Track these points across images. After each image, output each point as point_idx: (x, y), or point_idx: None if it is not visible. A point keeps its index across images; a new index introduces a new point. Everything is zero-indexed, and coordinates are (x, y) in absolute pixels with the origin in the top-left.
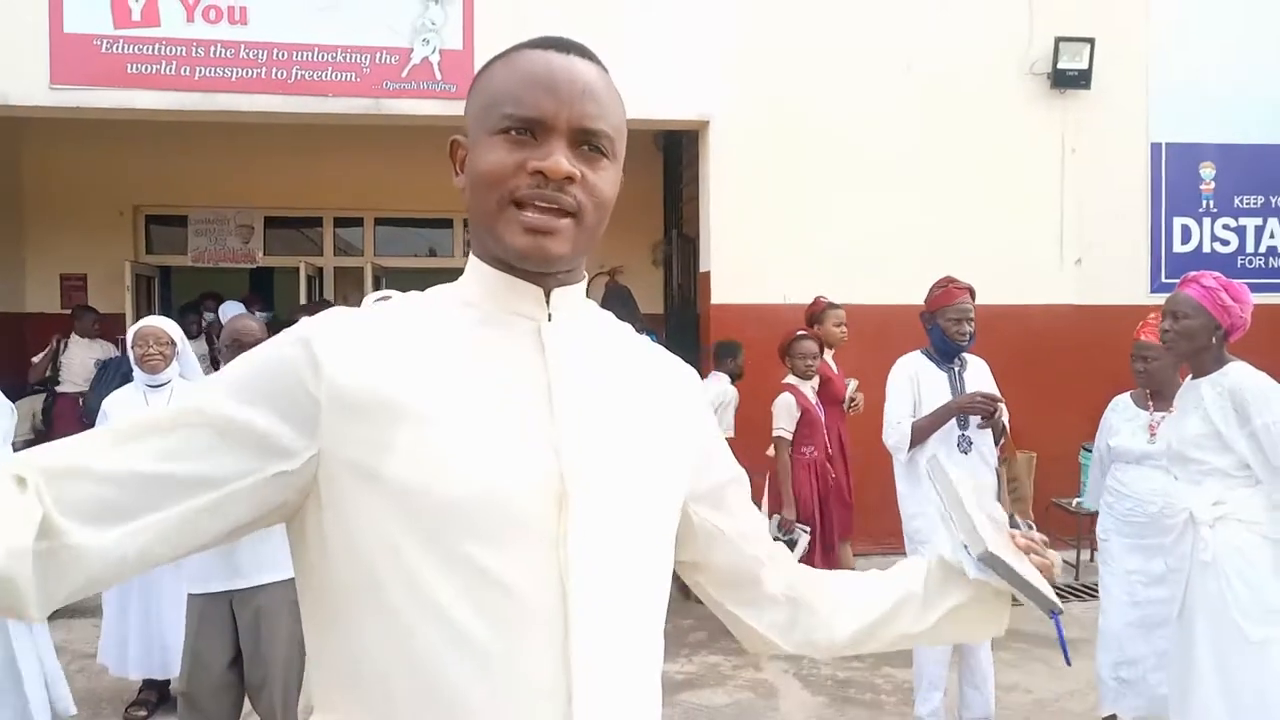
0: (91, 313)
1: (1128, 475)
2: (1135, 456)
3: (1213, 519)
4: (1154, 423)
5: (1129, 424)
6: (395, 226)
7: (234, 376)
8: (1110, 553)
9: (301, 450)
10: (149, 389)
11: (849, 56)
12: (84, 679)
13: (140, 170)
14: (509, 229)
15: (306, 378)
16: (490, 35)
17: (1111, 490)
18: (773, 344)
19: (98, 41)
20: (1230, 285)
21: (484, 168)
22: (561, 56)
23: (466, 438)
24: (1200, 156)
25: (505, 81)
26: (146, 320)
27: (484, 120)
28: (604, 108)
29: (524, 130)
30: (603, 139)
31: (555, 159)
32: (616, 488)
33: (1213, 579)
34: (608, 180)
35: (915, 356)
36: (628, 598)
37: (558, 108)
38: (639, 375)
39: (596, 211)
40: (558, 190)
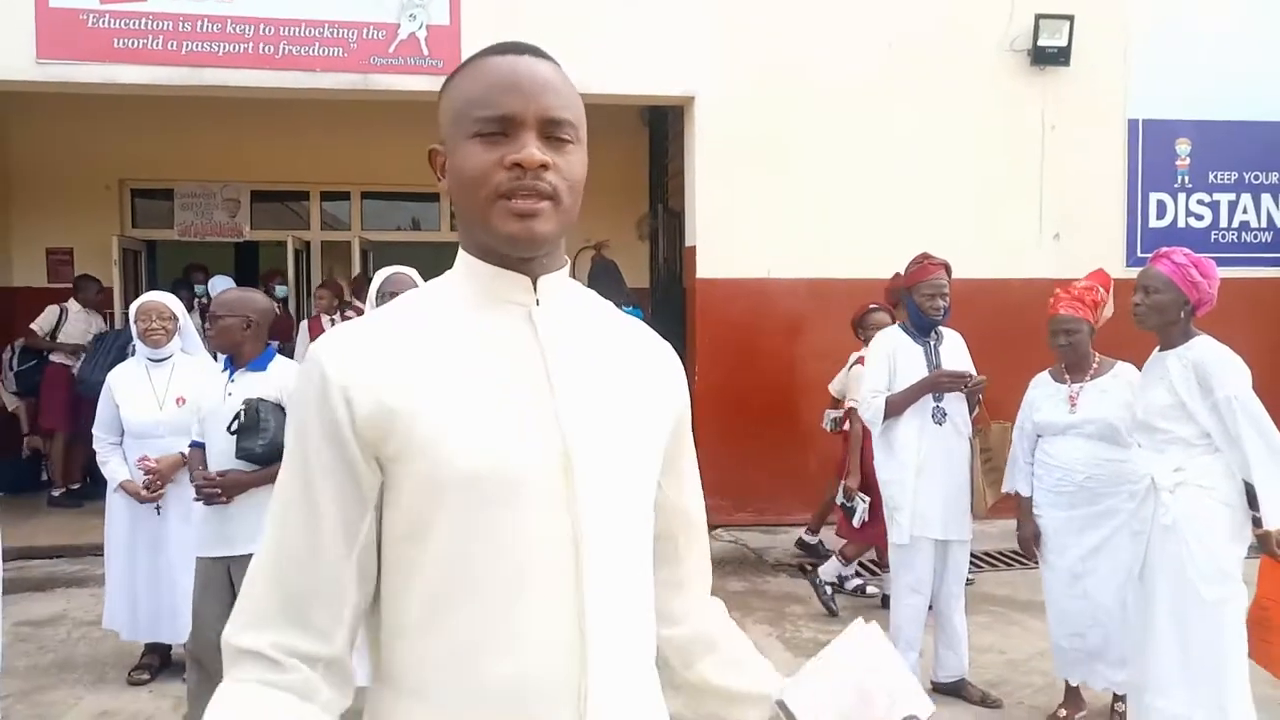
0: (95, 283)
1: (1053, 447)
2: (1059, 428)
3: (1173, 485)
4: (1073, 394)
5: (1050, 399)
6: (382, 200)
7: (314, 454)
8: (1046, 529)
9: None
10: (151, 363)
11: (832, 33)
12: (86, 646)
13: (127, 144)
14: (500, 219)
15: (344, 425)
16: (477, 11)
17: (1040, 463)
18: (757, 317)
19: (84, 16)
20: (1200, 262)
21: (467, 170)
22: (518, 58)
23: (478, 421)
24: (1176, 133)
25: (472, 89)
26: (149, 295)
27: (459, 127)
28: (564, 98)
29: (496, 129)
30: (567, 127)
31: (529, 150)
32: (612, 451)
33: (1172, 542)
34: (576, 163)
35: (894, 331)
36: (628, 549)
37: (524, 103)
38: (623, 350)
39: (570, 193)
40: (535, 179)
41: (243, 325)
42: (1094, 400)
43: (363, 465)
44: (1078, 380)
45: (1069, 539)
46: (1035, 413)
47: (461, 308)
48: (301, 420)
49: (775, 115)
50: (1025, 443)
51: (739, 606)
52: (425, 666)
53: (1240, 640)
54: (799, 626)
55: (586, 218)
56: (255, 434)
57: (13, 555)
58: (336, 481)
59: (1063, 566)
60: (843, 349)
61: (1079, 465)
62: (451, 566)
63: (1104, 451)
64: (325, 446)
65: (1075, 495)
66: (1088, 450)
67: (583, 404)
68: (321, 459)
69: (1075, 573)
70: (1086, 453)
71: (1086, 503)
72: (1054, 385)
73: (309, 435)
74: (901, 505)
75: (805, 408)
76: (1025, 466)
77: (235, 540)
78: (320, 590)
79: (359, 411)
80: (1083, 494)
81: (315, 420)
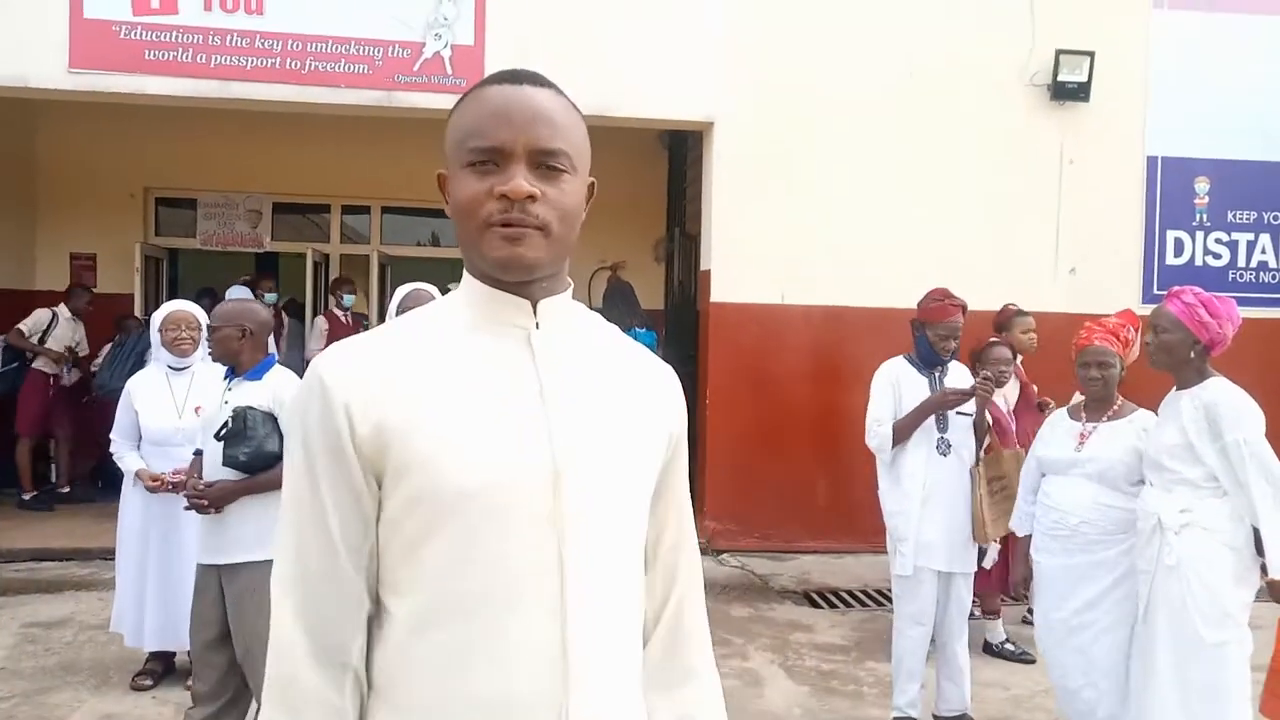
0: (88, 292)
1: (1054, 486)
2: (1062, 466)
3: (1179, 525)
4: (1084, 432)
5: (1059, 434)
6: (401, 215)
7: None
8: (1041, 576)
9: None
10: (171, 371)
11: (851, 62)
12: (92, 649)
13: (153, 154)
14: (489, 244)
15: (346, 440)
16: (501, 32)
17: (1039, 503)
18: (770, 342)
19: (116, 27)
20: (1210, 301)
21: (461, 199)
22: (515, 88)
23: (472, 439)
24: (1195, 171)
25: (468, 119)
26: (176, 305)
27: (456, 156)
28: (557, 128)
29: (487, 159)
30: (560, 157)
31: (515, 182)
32: (603, 471)
33: (1175, 582)
34: (569, 193)
35: (898, 361)
36: (614, 568)
37: (514, 135)
38: (622, 373)
39: (562, 223)
40: (522, 210)
41: (239, 335)
42: (1102, 441)
43: (363, 482)
44: (1093, 420)
45: (1065, 588)
46: (1041, 448)
47: (462, 329)
48: (305, 436)
49: (793, 142)
50: (1029, 479)
51: (742, 633)
52: (411, 679)
53: (1242, 685)
54: (802, 655)
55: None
56: (241, 441)
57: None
58: (341, 497)
59: (1057, 619)
60: (855, 376)
61: (1075, 507)
62: (441, 581)
63: (1104, 496)
64: (330, 462)
65: (1070, 540)
66: (1087, 492)
67: (575, 425)
68: (328, 474)
69: (1070, 626)
70: (1085, 495)
71: (1083, 551)
72: (1067, 421)
73: (313, 450)
74: (906, 536)
75: (816, 434)
76: (1025, 505)
77: (225, 548)
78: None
79: (359, 428)
80: (1078, 540)
81: (319, 435)
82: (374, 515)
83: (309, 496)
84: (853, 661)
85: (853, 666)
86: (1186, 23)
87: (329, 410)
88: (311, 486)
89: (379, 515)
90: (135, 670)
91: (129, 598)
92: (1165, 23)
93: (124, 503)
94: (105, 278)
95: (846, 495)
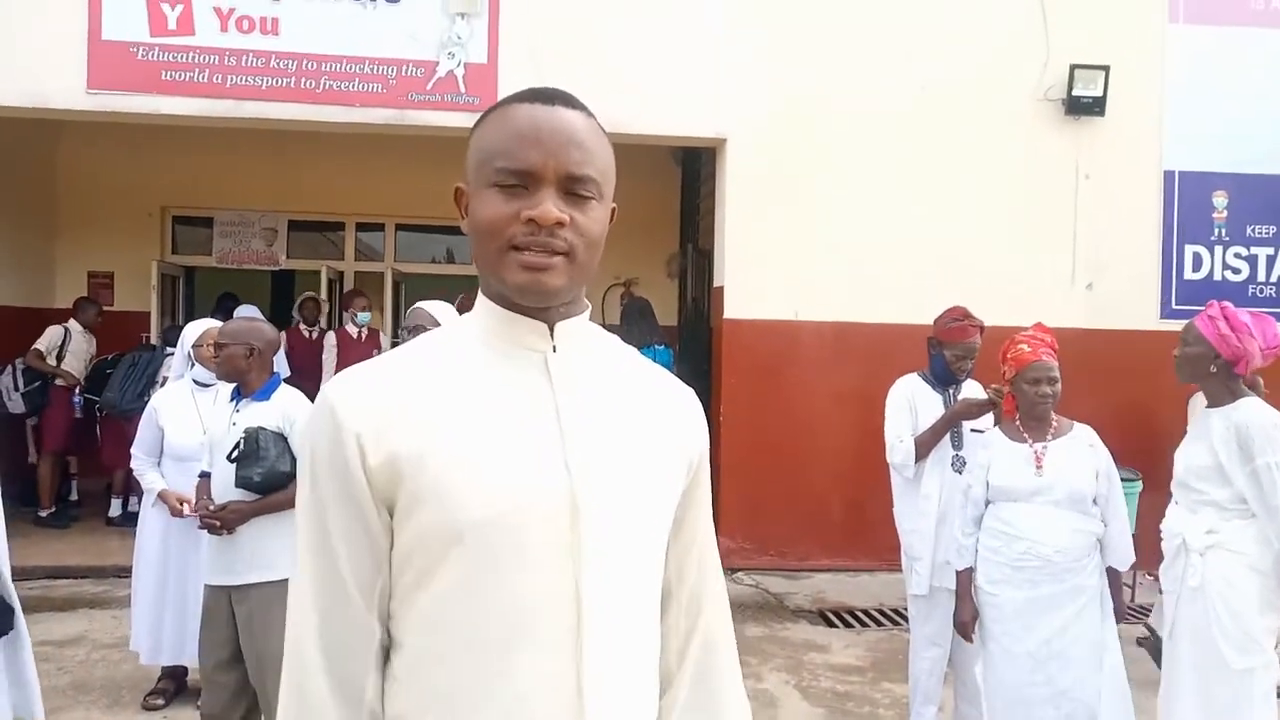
0: (95, 305)
1: (1013, 514)
2: (1023, 493)
3: (1204, 547)
4: (1038, 453)
5: (1009, 459)
6: (416, 233)
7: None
8: (1002, 611)
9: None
10: (197, 387)
11: (865, 77)
12: (104, 668)
13: (170, 172)
14: (509, 270)
15: (357, 470)
16: (514, 50)
17: (996, 534)
18: (783, 359)
19: (134, 48)
20: (1233, 316)
21: (483, 219)
22: (546, 109)
23: (487, 468)
24: (1213, 185)
25: (496, 137)
26: (209, 323)
27: (480, 174)
28: (588, 153)
29: (516, 182)
30: (589, 183)
31: (545, 207)
32: (622, 499)
33: (1199, 605)
34: (596, 220)
35: (912, 379)
36: (633, 602)
37: (545, 158)
38: (641, 397)
39: (587, 250)
40: (549, 235)
41: (245, 354)
42: (1061, 463)
43: (375, 516)
44: (1039, 439)
45: (1031, 619)
46: (993, 475)
47: (476, 353)
48: (313, 468)
49: (806, 158)
50: (970, 510)
51: (756, 653)
52: (421, 714)
53: (1268, 712)
54: (817, 675)
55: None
56: (254, 462)
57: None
58: (351, 532)
59: (1022, 652)
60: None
61: (1048, 536)
62: (452, 615)
63: (1074, 520)
64: (339, 495)
65: (1040, 572)
66: (1057, 519)
67: (593, 452)
68: (337, 509)
69: (1038, 658)
70: (1058, 522)
71: (1053, 580)
72: (1011, 444)
73: (322, 483)
74: (922, 555)
75: (830, 451)
76: (964, 538)
77: (236, 569)
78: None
79: (371, 459)
80: (1049, 570)
81: (328, 466)
82: (386, 549)
83: (318, 533)
84: (869, 683)
85: (868, 688)
86: (1202, 36)
87: (339, 440)
88: (320, 522)
89: (390, 548)
90: (147, 690)
91: (146, 615)
92: (1180, 36)
93: (143, 520)
94: (122, 295)
95: (862, 512)
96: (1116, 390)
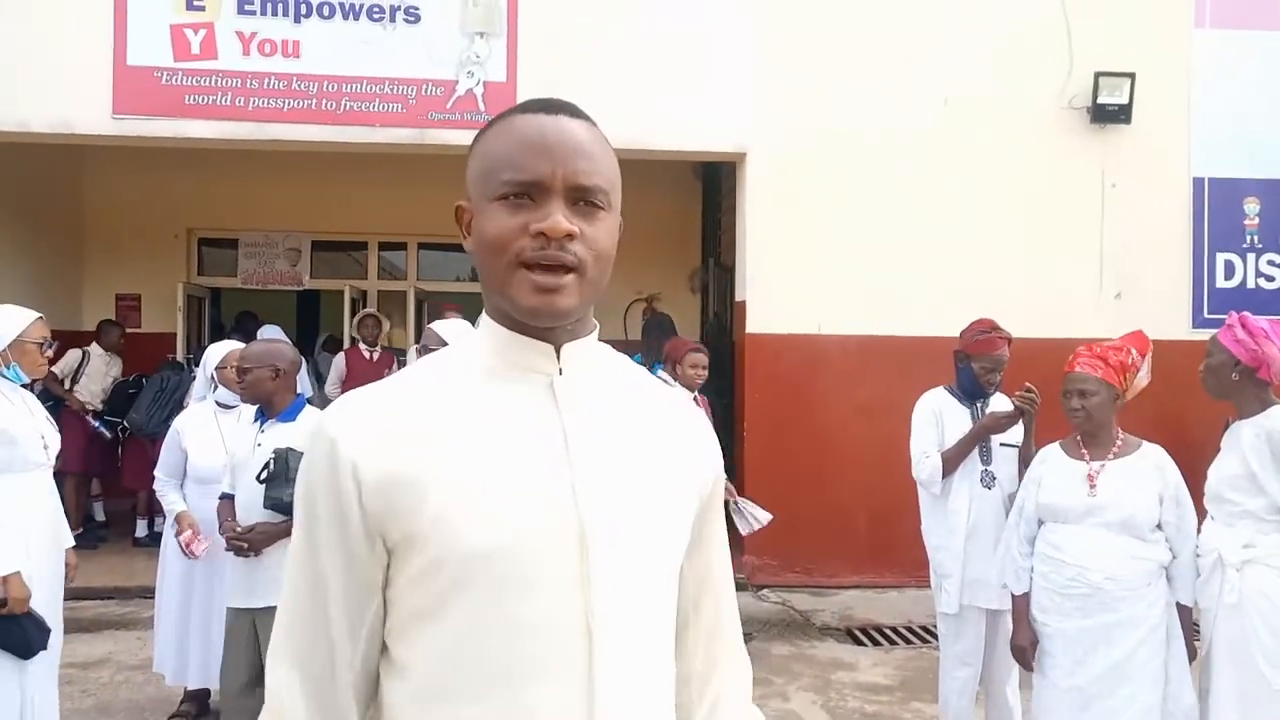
0: (118, 328)
1: (1063, 538)
2: (1075, 514)
3: (1240, 562)
4: (1092, 472)
5: (1062, 476)
6: (438, 251)
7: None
8: (1050, 641)
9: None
10: (220, 409)
11: (886, 89)
12: (128, 690)
13: (195, 195)
14: (519, 290)
15: (352, 502)
16: (533, 68)
17: (1045, 558)
18: (806, 373)
19: (158, 73)
20: (1249, 321)
21: (489, 234)
22: (551, 118)
23: (490, 498)
24: (1244, 192)
25: (500, 148)
26: (230, 345)
27: (484, 187)
28: (596, 163)
29: (522, 194)
30: (597, 194)
31: (554, 219)
32: (632, 528)
33: (1237, 622)
34: (605, 231)
35: (938, 393)
36: (645, 635)
37: (552, 168)
38: (651, 421)
39: (597, 264)
40: (559, 249)
41: (271, 375)
42: (1119, 483)
43: (367, 550)
44: (1098, 458)
45: (1081, 653)
46: (1043, 492)
47: (480, 376)
48: (308, 498)
49: (827, 171)
50: (1024, 528)
51: (783, 672)
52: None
53: None
54: (844, 695)
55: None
56: (284, 483)
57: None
58: (341, 567)
59: (1070, 686)
60: (894, 406)
61: (1097, 562)
62: (458, 650)
63: (1130, 546)
64: (333, 527)
65: (1089, 600)
66: (1110, 543)
67: (602, 480)
68: (329, 543)
69: (1087, 695)
70: (1109, 546)
71: (1105, 609)
72: (1068, 461)
73: (316, 515)
74: (951, 573)
75: (856, 466)
76: (1021, 559)
77: (260, 591)
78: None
79: (368, 489)
80: (1100, 598)
81: (323, 497)
82: (379, 584)
83: (308, 567)
84: (897, 702)
85: (897, 708)
86: (1229, 41)
87: (335, 470)
88: (312, 556)
89: (385, 583)
90: (170, 712)
91: (170, 637)
92: (1206, 41)
93: (166, 542)
94: (149, 317)
95: (889, 528)
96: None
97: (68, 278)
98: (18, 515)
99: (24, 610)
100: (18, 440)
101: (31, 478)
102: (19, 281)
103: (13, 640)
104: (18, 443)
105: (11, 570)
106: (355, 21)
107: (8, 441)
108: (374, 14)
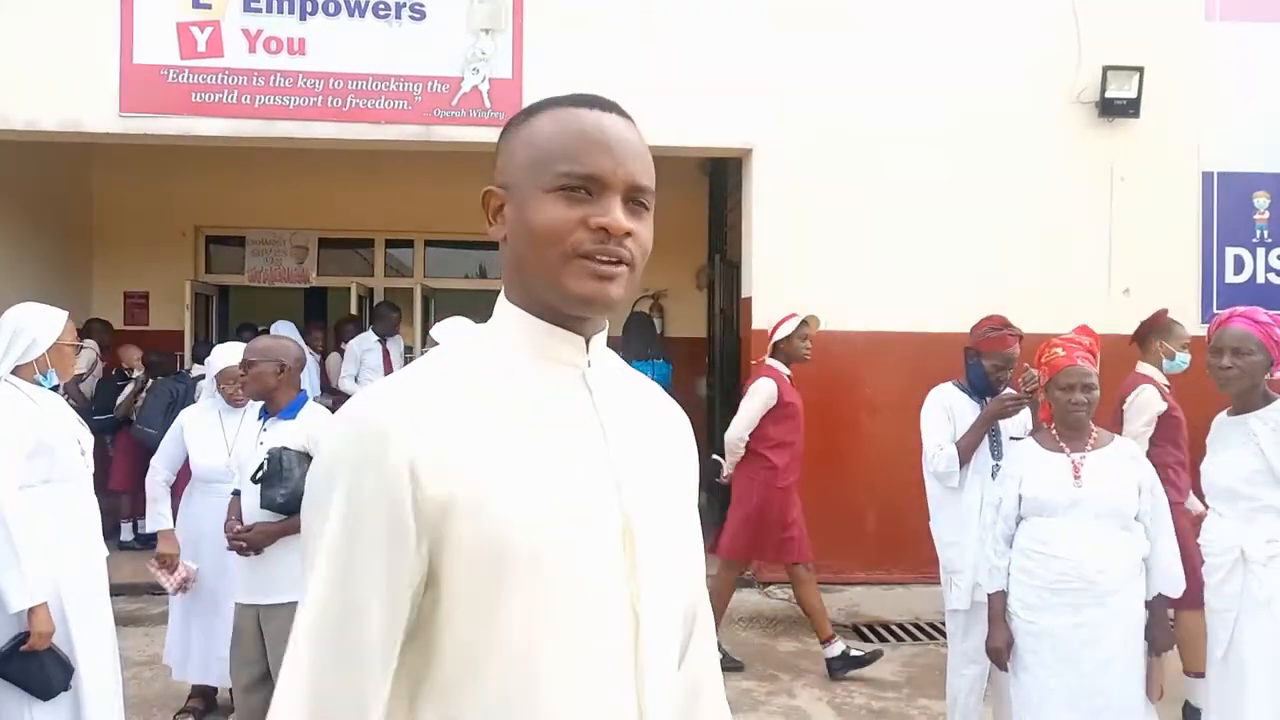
0: (106, 325)
1: (1049, 532)
2: (1061, 507)
3: (1266, 557)
4: (1076, 463)
5: (1044, 469)
6: (445, 248)
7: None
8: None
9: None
10: (225, 408)
11: (893, 84)
12: (136, 685)
13: (202, 193)
14: (574, 278)
15: (405, 497)
16: (538, 65)
17: (1030, 553)
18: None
19: (165, 72)
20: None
21: (541, 224)
22: (610, 116)
23: (541, 488)
24: (1254, 186)
25: (557, 139)
26: (235, 352)
27: (535, 176)
28: (647, 164)
29: (579, 187)
30: (647, 195)
31: (615, 215)
32: (668, 519)
33: (1268, 620)
34: (649, 231)
35: (948, 388)
36: (677, 625)
37: (614, 166)
38: (659, 415)
39: (642, 260)
40: (618, 245)
41: (276, 371)
42: (1101, 473)
43: (414, 555)
44: (1077, 450)
45: (1072, 650)
46: (1027, 486)
47: (516, 367)
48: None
49: (834, 167)
50: (1001, 526)
51: (789, 669)
52: None
53: None
54: (851, 692)
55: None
56: (278, 483)
57: None
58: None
59: (1060, 686)
60: (901, 403)
61: (1090, 554)
62: (516, 648)
63: (1116, 536)
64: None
65: (1082, 595)
66: (1097, 534)
67: (638, 472)
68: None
69: (1079, 694)
70: (1100, 537)
71: (1096, 604)
72: (1047, 454)
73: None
74: (961, 569)
75: (863, 461)
76: (997, 558)
77: (264, 588)
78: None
79: (428, 489)
80: (1093, 592)
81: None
82: (419, 593)
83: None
84: (905, 699)
85: (905, 705)
86: (1239, 34)
87: (387, 468)
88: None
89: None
90: (177, 708)
91: (178, 634)
92: (1217, 34)
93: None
94: (157, 314)
95: (896, 524)
96: None
97: (76, 276)
98: (53, 534)
99: (45, 646)
100: (55, 449)
101: (70, 488)
102: (28, 279)
103: (32, 679)
104: (55, 452)
105: (38, 601)
106: (361, 19)
107: (45, 452)
108: (380, 11)
